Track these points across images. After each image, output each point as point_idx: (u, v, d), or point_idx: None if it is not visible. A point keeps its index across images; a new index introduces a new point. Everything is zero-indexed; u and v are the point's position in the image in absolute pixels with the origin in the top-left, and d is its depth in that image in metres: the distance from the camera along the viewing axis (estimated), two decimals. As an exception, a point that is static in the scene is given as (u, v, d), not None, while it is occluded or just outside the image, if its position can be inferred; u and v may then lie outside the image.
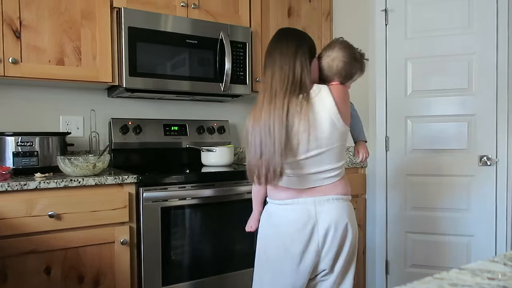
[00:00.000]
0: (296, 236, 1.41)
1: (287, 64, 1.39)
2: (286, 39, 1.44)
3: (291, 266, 1.43)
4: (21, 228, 1.56)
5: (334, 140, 1.42)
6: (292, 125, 1.35)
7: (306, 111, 1.35)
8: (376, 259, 2.58)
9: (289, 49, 1.41)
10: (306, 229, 1.40)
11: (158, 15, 2.07)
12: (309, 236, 1.41)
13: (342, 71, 1.47)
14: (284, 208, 1.44)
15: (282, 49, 1.41)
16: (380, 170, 2.55)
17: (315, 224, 1.41)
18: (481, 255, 2.34)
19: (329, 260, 1.44)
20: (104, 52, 1.99)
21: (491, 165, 2.32)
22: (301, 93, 1.37)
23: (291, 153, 1.37)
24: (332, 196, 1.43)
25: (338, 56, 1.46)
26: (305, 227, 1.40)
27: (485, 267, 0.60)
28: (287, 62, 1.39)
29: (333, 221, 1.41)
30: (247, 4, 2.40)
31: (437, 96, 2.41)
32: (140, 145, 2.32)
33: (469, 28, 2.35)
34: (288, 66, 1.39)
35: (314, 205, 1.41)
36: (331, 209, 1.42)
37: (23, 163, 1.83)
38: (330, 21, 2.77)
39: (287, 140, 1.34)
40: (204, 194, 1.92)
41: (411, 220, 2.49)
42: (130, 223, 1.78)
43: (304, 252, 1.42)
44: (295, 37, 1.45)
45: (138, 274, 1.82)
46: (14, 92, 2.12)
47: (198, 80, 2.18)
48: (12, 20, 1.80)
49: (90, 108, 2.30)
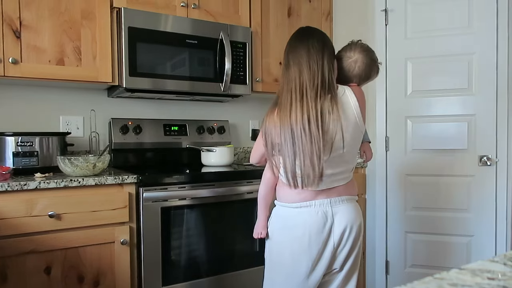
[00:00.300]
0: (314, 238, 1.40)
1: (316, 63, 1.37)
2: (312, 38, 1.41)
3: (307, 268, 1.42)
4: (21, 228, 1.56)
5: (357, 141, 1.45)
6: (328, 126, 1.33)
7: (337, 111, 1.34)
8: (376, 259, 2.58)
9: (315, 48, 1.38)
10: (324, 231, 1.40)
11: (158, 15, 2.07)
12: (326, 237, 1.41)
13: (362, 73, 1.48)
14: (300, 211, 1.41)
15: (309, 48, 1.39)
16: (380, 170, 2.55)
17: (332, 225, 1.41)
18: (481, 255, 2.34)
19: (341, 259, 1.47)
20: (104, 52, 1.99)
21: (491, 165, 2.31)
22: (329, 93, 1.36)
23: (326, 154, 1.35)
24: (346, 196, 1.46)
25: (360, 58, 1.47)
26: (324, 229, 1.40)
27: (485, 267, 0.60)
28: (315, 61, 1.37)
29: (349, 222, 1.44)
30: (247, 4, 2.40)
31: (437, 96, 2.41)
32: (140, 145, 2.32)
33: (469, 28, 2.35)
34: (317, 65, 1.36)
35: (331, 206, 1.42)
36: (346, 209, 1.44)
37: (23, 163, 1.83)
38: (330, 21, 2.77)
39: (324, 140, 1.32)
40: (204, 194, 1.92)
41: (411, 220, 2.49)
42: (130, 223, 1.78)
43: (322, 253, 1.42)
44: (320, 36, 1.44)
45: (138, 274, 1.82)
46: (14, 92, 2.12)
47: (198, 80, 2.18)
48: (12, 20, 1.80)
49: (90, 108, 2.30)
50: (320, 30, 1.50)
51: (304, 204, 1.41)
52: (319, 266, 1.43)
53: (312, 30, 1.47)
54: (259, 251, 2.06)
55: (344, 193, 1.45)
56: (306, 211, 1.41)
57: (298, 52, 1.40)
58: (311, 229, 1.40)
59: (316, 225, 1.40)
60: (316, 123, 1.31)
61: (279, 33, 2.55)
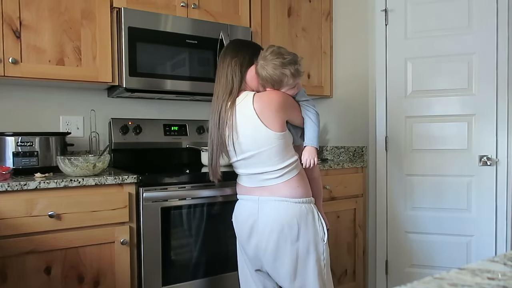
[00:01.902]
0: (239, 226, 1.62)
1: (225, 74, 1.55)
2: (225, 51, 1.60)
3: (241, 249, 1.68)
4: (21, 228, 1.56)
5: (260, 145, 1.49)
6: (223, 130, 1.52)
7: (230, 117, 1.49)
8: (376, 259, 2.58)
9: (225, 60, 1.57)
10: (247, 223, 1.56)
11: (158, 15, 2.07)
12: (249, 231, 1.56)
13: (270, 78, 1.50)
14: (238, 202, 1.65)
15: (222, 61, 1.58)
16: (380, 170, 2.55)
17: (255, 220, 1.54)
18: (481, 255, 2.34)
19: (269, 261, 1.52)
20: (104, 52, 1.99)
21: (491, 165, 2.31)
22: (229, 100, 1.52)
23: (226, 155, 1.57)
24: (276, 197, 1.51)
25: (267, 64, 1.50)
26: (247, 221, 1.57)
27: (485, 267, 0.60)
28: (221, 72, 1.56)
29: (270, 221, 1.49)
30: (247, 4, 2.40)
31: (437, 96, 2.41)
32: (140, 145, 2.32)
33: (469, 28, 2.35)
34: (225, 76, 1.55)
35: (258, 203, 1.54)
36: (271, 209, 1.51)
37: (23, 163, 1.83)
38: (330, 21, 2.77)
39: (221, 143, 1.54)
40: (204, 194, 1.92)
41: (411, 220, 2.49)
42: (130, 223, 1.78)
43: (246, 242, 1.59)
44: (233, 48, 1.59)
45: (138, 274, 1.82)
46: (14, 92, 2.12)
47: (198, 80, 2.18)
48: (12, 20, 1.80)
49: (90, 108, 2.30)
50: (239, 41, 1.66)
51: (242, 197, 1.63)
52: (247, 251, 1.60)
53: (229, 44, 1.65)
54: (259, 251, 2.06)
55: (277, 194, 1.50)
56: (240, 203, 1.63)
57: (218, 65, 1.61)
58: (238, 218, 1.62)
59: (242, 216, 1.60)
60: (218, 129, 1.53)
61: (279, 33, 2.55)
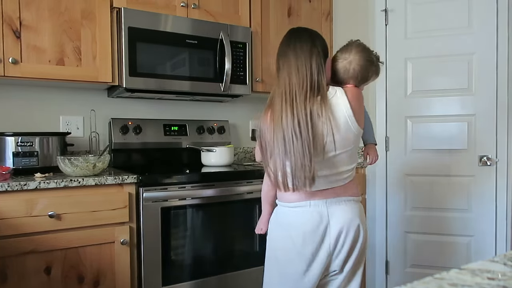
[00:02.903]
0: (308, 237, 1.39)
1: (304, 65, 1.37)
2: (300, 40, 1.41)
3: (301, 268, 1.42)
4: (21, 228, 1.56)
5: (350, 142, 1.42)
6: (318, 128, 1.34)
7: (327, 114, 1.34)
8: (376, 259, 2.58)
9: (303, 51, 1.38)
10: (318, 230, 1.39)
11: (158, 15, 2.07)
12: (321, 238, 1.40)
13: (358, 74, 1.45)
14: (295, 210, 1.42)
15: (296, 50, 1.39)
16: (380, 170, 2.55)
17: (327, 225, 1.40)
18: (481, 255, 2.34)
19: (339, 261, 1.45)
20: (104, 52, 1.99)
21: (491, 165, 2.31)
22: (319, 95, 1.36)
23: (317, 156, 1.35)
24: (344, 197, 1.44)
25: (355, 60, 1.44)
26: (318, 229, 1.39)
27: (485, 267, 0.60)
28: (303, 63, 1.37)
29: (346, 223, 1.41)
30: (247, 4, 2.40)
31: (437, 96, 2.41)
32: (140, 145, 2.32)
33: (469, 28, 2.35)
34: (305, 67, 1.36)
35: (326, 207, 1.40)
36: (343, 210, 1.42)
37: (23, 163, 1.83)
38: (330, 21, 2.77)
39: (315, 143, 1.32)
40: (204, 194, 1.92)
41: (411, 220, 2.49)
42: (130, 223, 1.78)
43: (316, 254, 1.41)
44: (309, 37, 1.42)
45: (138, 274, 1.82)
46: (14, 92, 2.12)
47: (198, 80, 2.18)
48: (12, 20, 1.80)
49: (90, 108, 2.30)
50: (310, 30, 1.47)
51: (300, 204, 1.41)
52: (314, 266, 1.42)
53: (301, 31, 1.46)
54: (259, 251, 2.06)
55: (343, 194, 1.44)
56: (301, 211, 1.41)
57: (287, 55, 1.41)
58: (304, 228, 1.39)
59: (310, 225, 1.39)
60: (306, 127, 1.32)
61: (279, 33, 2.55)
